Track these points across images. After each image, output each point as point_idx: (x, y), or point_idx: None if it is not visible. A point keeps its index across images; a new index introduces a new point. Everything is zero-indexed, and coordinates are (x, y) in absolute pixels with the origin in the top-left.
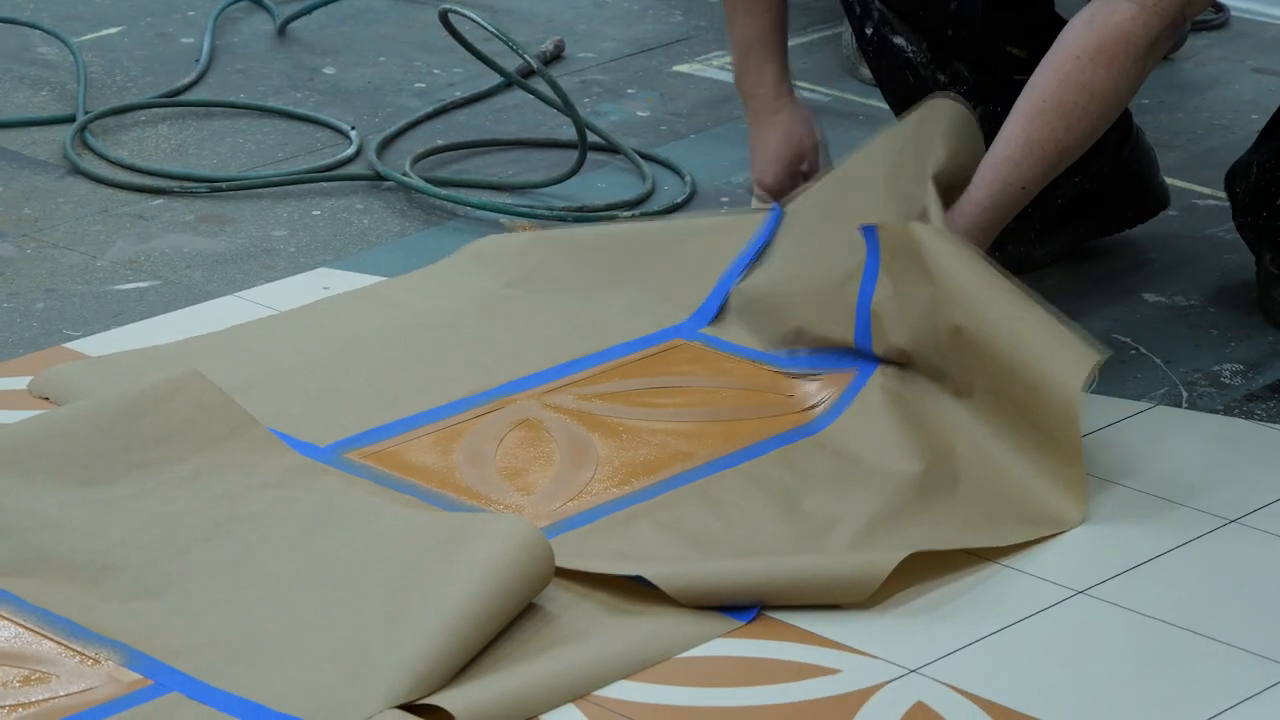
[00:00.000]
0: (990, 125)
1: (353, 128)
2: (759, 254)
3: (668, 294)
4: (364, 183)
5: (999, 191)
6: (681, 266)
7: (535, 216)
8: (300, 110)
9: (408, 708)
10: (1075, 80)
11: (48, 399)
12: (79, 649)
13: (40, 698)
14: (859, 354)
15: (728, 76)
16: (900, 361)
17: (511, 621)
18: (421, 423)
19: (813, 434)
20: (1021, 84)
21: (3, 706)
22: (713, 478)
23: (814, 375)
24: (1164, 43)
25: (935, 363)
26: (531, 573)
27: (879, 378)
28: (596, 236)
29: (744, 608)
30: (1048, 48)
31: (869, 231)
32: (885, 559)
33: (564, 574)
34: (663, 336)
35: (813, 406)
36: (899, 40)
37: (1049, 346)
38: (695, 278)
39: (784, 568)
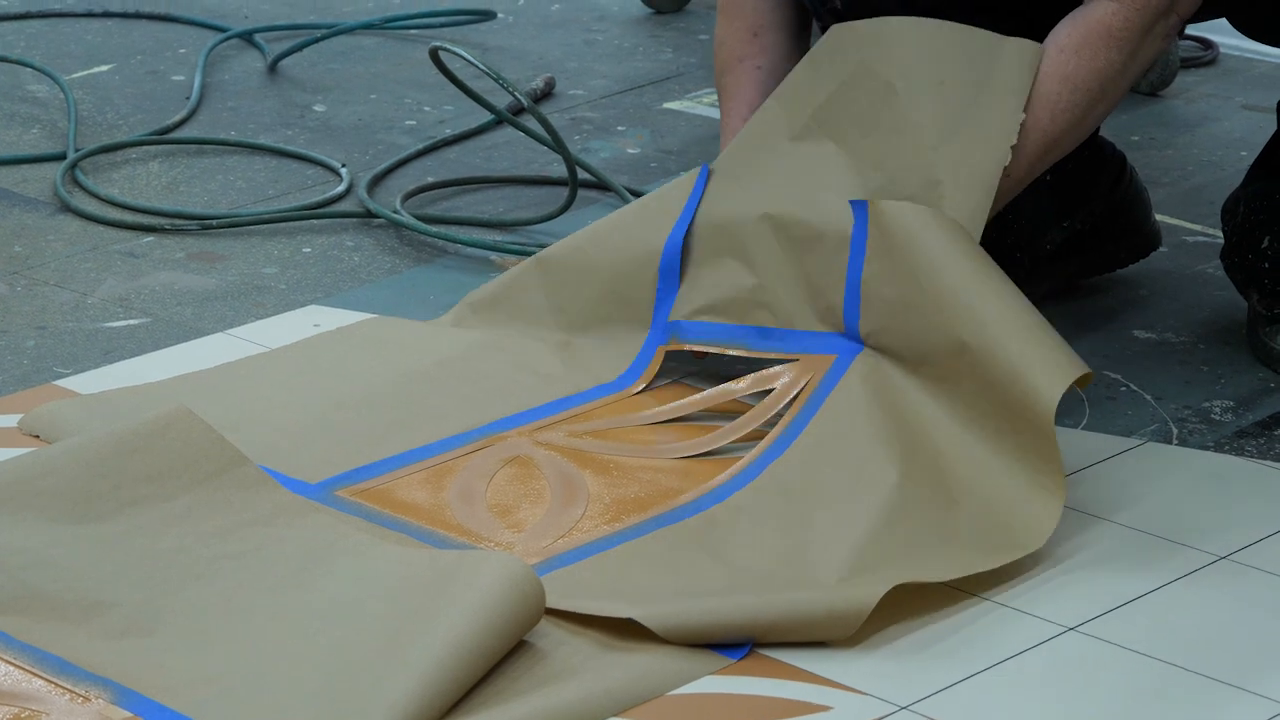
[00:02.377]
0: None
1: (343, 165)
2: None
3: (630, 298)
4: (354, 220)
5: None
6: (634, 265)
7: (526, 254)
8: (291, 148)
9: None
10: (1058, 72)
11: (38, 436)
12: (69, 686)
13: None
14: (838, 331)
15: (718, 113)
16: (884, 344)
17: (502, 659)
18: (412, 460)
19: (792, 439)
20: None
21: None
22: (703, 514)
23: (789, 359)
24: (1155, 41)
25: (920, 350)
26: (522, 610)
27: (860, 366)
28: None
29: (735, 645)
30: None
31: (858, 207)
32: (869, 593)
33: (555, 612)
34: (645, 353)
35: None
36: None
37: (1035, 356)
38: (645, 267)
39: (772, 605)
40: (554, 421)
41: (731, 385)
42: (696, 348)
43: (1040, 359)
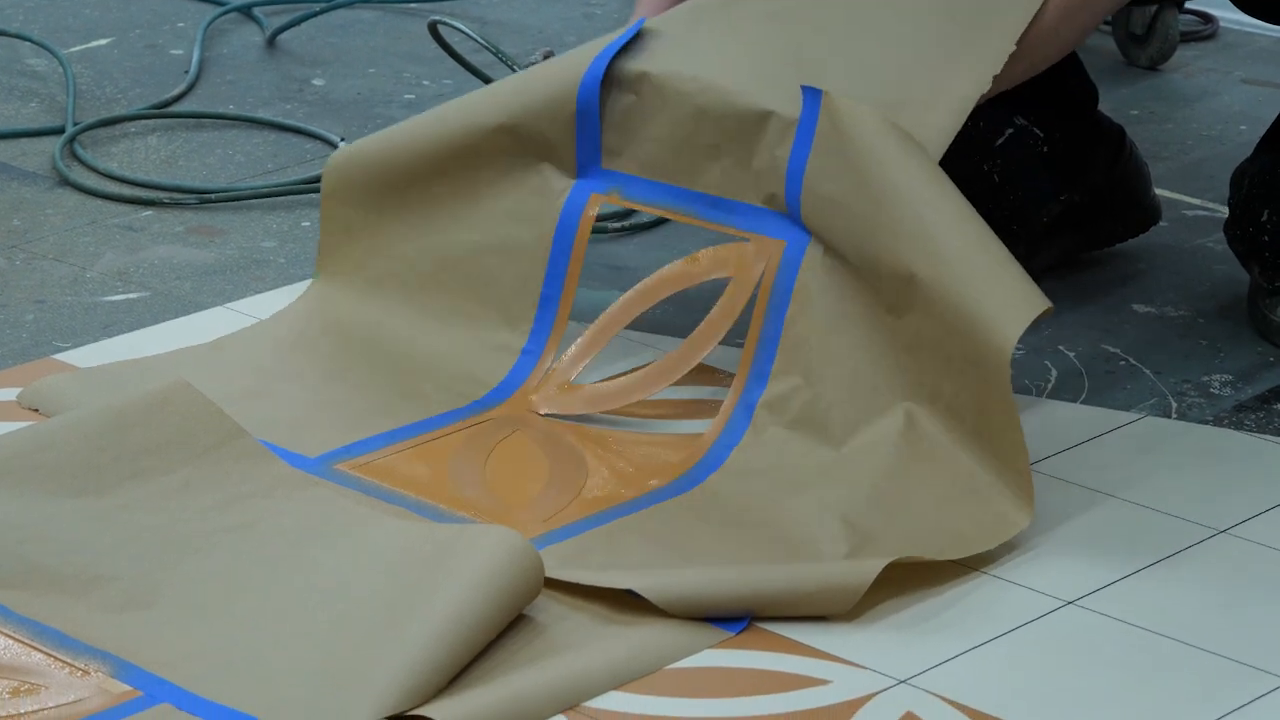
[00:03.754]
0: (972, 138)
1: (342, 139)
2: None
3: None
4: None
5: None
6: (547, 104)
7: None
8: (290, 121)
9: (398, 718)
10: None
11: (37, 410)
12: (68, 660)
13: (29, 709)
14: (784, 215)
15: None
16: (829, 244)
17: (501, 633)
18: (411, 434)
19: (768, 366)
20: (1003, 97)
21: None
22: (701, 486)
23: (740, 237)
24: None
25: (866, 261)
26: (521, 584)
27: (811, 264)
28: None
29: (734, 619)
30: None
31: (811, 94)
32: (867, 568)
33: (554, 585)
34: (571, 209)
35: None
36: None
37: (989, 299)
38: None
39: (771, 579)
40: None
41: (689, 268)
42: (640, 207)
43: (995, 302)
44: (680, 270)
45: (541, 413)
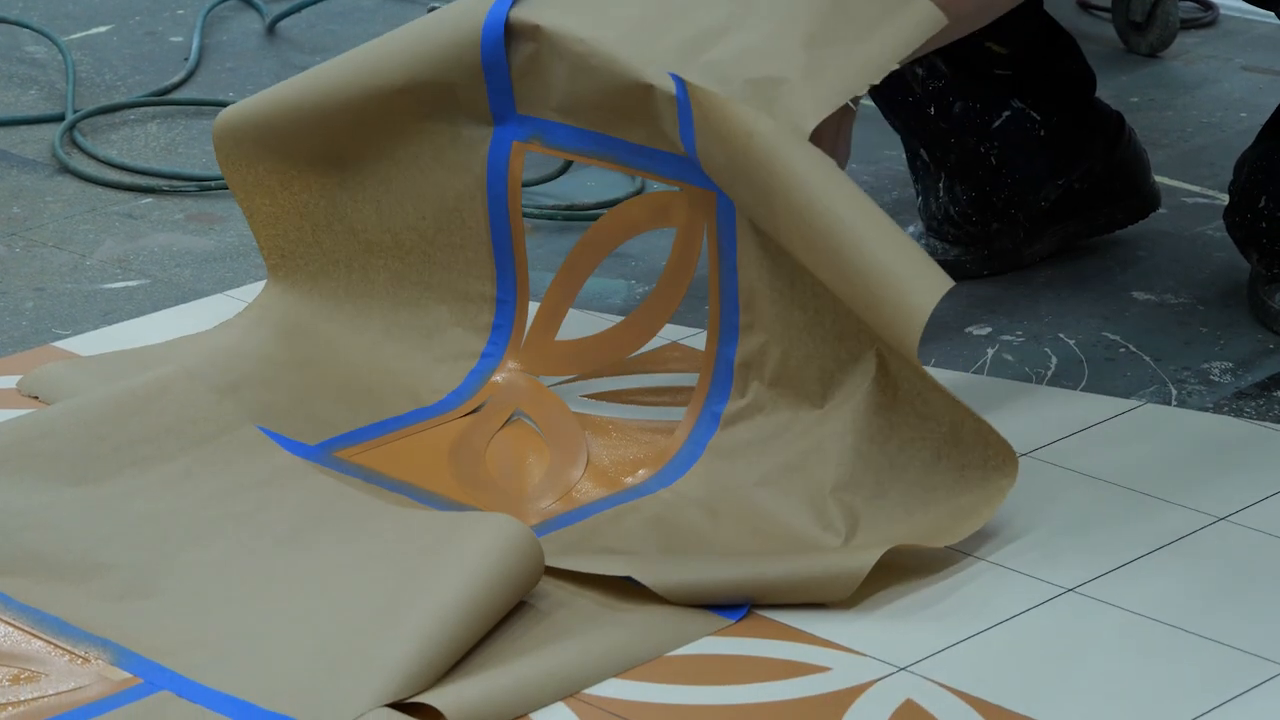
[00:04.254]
0: (969, 120)
1: None
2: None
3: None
4: None
5: None
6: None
7: (525, 216)
8: None
9: (398, 706)
10: None
11: (36, 398)
12: (68, 647)
13: (29, 696)
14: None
15: None
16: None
17: (501, 620)
18: (411, 421)
19: (734, 327)
20: (1001, 79)
21: None
22: (693, 470)
23: (670, 186)
24: None
25: (773, 230)
26: (521, 571)
27: (742, 217)
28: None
29: (734, 606)
30: (1029, 44)
31: (678, 82)
32: (865, 557)
33: (554, 572)
34: (499, 147)
35: None
36: None
37: (893, 280)
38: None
39: (770, 566)
40: (555, 385)
41: (634, 217)
42: (562, 154)
43: (897, 290)
44: (624, 219)
45: (534, 375)
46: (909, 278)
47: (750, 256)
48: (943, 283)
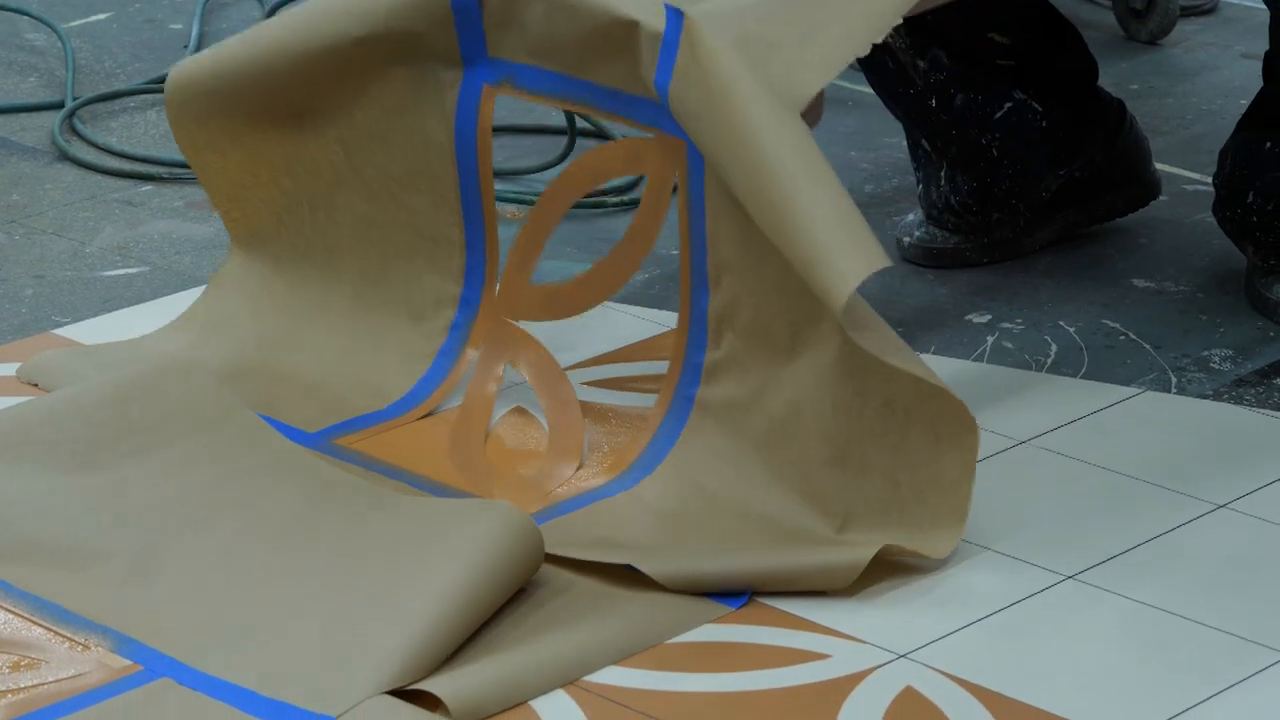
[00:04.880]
0: (971, 112)
1: None
2: None
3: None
4: None
5: None
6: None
7: (525, 202)
8: None
9: (397, 693)
10: None
11: (36, 385)
12: (68, 635)
13: (29, 683)
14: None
15: None
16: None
17: (501, 607)
18: (409, 405)
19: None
20: (1002, 70)
21: None
22: (687, 452)
23: (645, 131)
24: None
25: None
26: (521, 558)
27: (710, 166)
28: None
29: (733, 593)
30: (1031, 34)
31: (673, 15)
32: (863, 550)
33: (554, 560)
34: (468, 95)
35: None
36: None
37: (828, 247)
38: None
39: (769, 555)
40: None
41: (607, 161)
42: (534, 98)
43: (829, 259)
44: (598, 163)
45: (512, 320)
46: (845, 248)
47: (719, 206)
48: (878, 260)
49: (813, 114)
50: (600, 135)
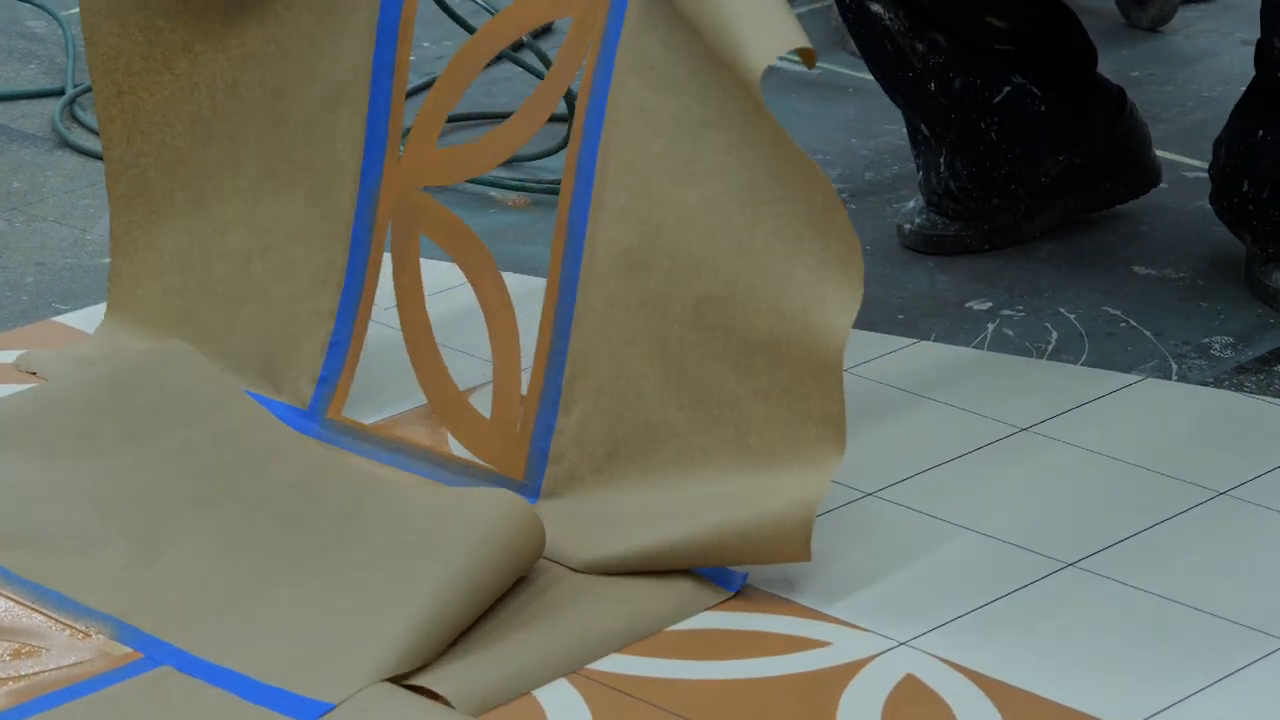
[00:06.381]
0: (969, 96)
1: None
2: None
3: None
4: None
5: None
6: None
7: (526, 189)
8: None
9: (397, 681)
10: None
11: (35, 374)
12: (69, 622)
13: (30, 671)
14: None
15: None
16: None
17: (502, 595)
18: (353, 297)
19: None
20: (1001, 54)
21: None
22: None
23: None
24: None
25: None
26: (522, 547)
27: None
28: None
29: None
30: (1030, 18)
31: None
32: (803, 513)
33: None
34: None
35: None
36: (876, 8)
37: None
38: None
39: (712, 519)
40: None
41: (533, 7)
42: None
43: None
44: (522, 14)
45: (418, 187)
46: (764, 26)
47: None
48: (797, 38)
49: None
50: None
